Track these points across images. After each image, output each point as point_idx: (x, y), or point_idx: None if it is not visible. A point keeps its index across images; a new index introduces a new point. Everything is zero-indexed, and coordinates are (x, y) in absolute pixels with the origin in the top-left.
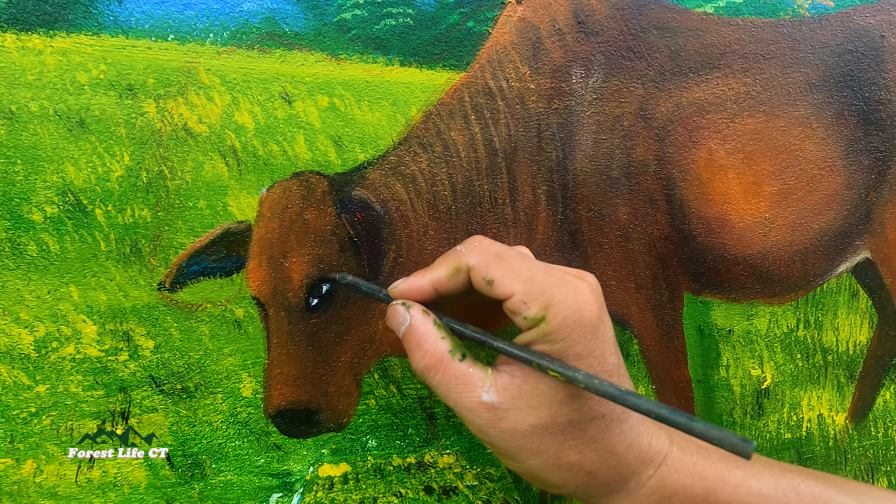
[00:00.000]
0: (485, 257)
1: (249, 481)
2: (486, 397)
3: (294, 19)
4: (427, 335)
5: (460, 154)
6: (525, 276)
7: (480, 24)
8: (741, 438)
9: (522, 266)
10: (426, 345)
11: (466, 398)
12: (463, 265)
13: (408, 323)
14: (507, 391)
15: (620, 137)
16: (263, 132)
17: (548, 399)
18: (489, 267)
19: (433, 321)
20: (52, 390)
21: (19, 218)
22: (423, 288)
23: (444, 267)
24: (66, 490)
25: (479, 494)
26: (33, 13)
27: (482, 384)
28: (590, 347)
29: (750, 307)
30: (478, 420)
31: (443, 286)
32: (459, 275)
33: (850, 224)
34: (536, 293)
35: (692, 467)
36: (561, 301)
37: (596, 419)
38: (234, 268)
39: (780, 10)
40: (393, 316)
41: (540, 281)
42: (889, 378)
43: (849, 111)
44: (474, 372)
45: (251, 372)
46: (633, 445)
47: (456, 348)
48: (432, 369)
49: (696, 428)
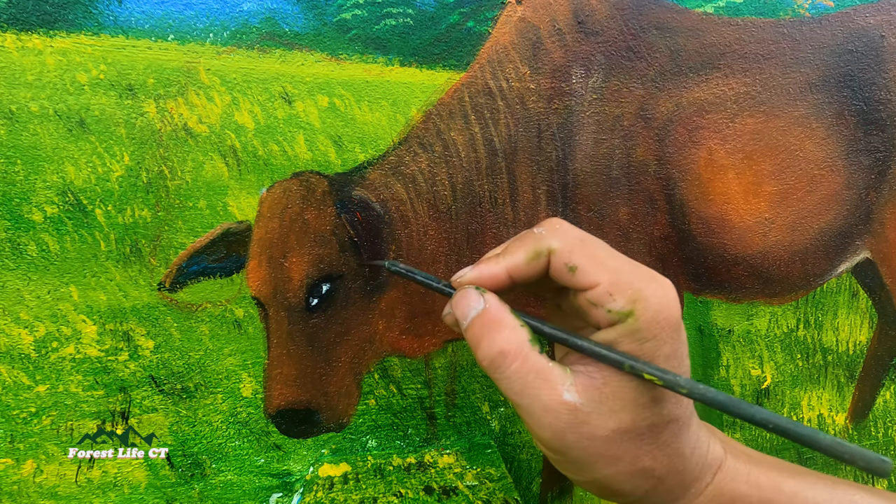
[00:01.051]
0: (568, 241)
1: (249, 481)
2: (568, 396)
3: (294, 19)
4: (505, 320)
5: (460, 154)
6: (612, 267)
7: (480, 24)
8: (878, 457)
9: (608, 255)
10: (505, 330)
11: (546, 395)
12: (543, 249)
13: (481, 307)
14: (588, 392)
15: (620, 137)
16: (263, 132)
17: (631, 402)
18: (573, 252)
19: (510, 310)
20: (52, 390)
21: (19, 218)
22: (497, 275)
23: (523, 251)
24: (66, 490)
25: (479, 494)
26: (33, 13)
27: (563, 382)
28: (675, 347)
29: (750, 307)
30: (556, 422)
31: (520, 272)
32: (539, 260)
33: (850, 224)
34: (624, 285)
35: (747, 475)
36: (651, 296)
37: (671, 422)
38: (234, 268)
39: (780, 10)
40: (463, 299)
41: (627, 273)
42: (889, 378)
43: (849, 111)
44: (554, 368)
45: (251, 372)
46: (697, 450)
47: (535, 340)
48: (509, 356)
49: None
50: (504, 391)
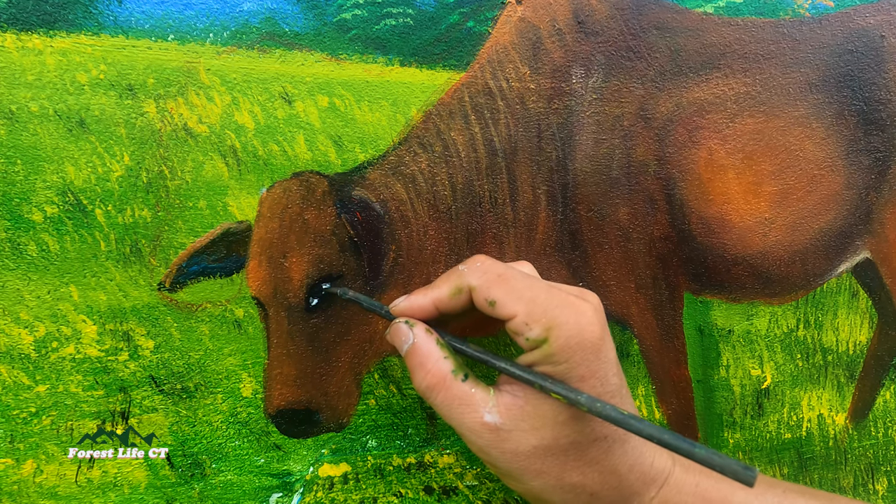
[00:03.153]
0: (487, 278)
1: (249, 481)
2: (489, 418)
3: (294, 19)
4: (430, 354)
5: (460, 154)
6: (527, 297)
7: (480, 24)
8: (743, 466)
9: (524, 286)
10: (429, 364)
11: (469, 419)
12: (465, 285)
13: (410, 342)
14: (510, 412)
15: (620, 137)
16: (263, 132)
17: (550, 420)
18: (491, 288)
19: (436, 340)
20: (52, 390)
21: (19, 218)
22: (425, 306)
23: (447, 286)
24: (66, 490)
25: (479, 494)
26: (33, 13)
27: (484, 404)
28: (592, 369)
29: (750, 307)
30: (479, 441)
31: (444, 305)
32: (461, 295)
33: (850, 224)
34: (539, 314)
35: (695, 487)
36: (563, 322)
37: (598, 440)
38: (234, 268)
39: (780, 10)
40: (396, 334)
41: (542, 302)
42: (889, 378)
43: (849, 111)
44: (476, 392)
45: (251, 372)
46: (636, 466)
47: (458, 368)
48: (434, 389)
49: (698, 454)
50: (440, 416)
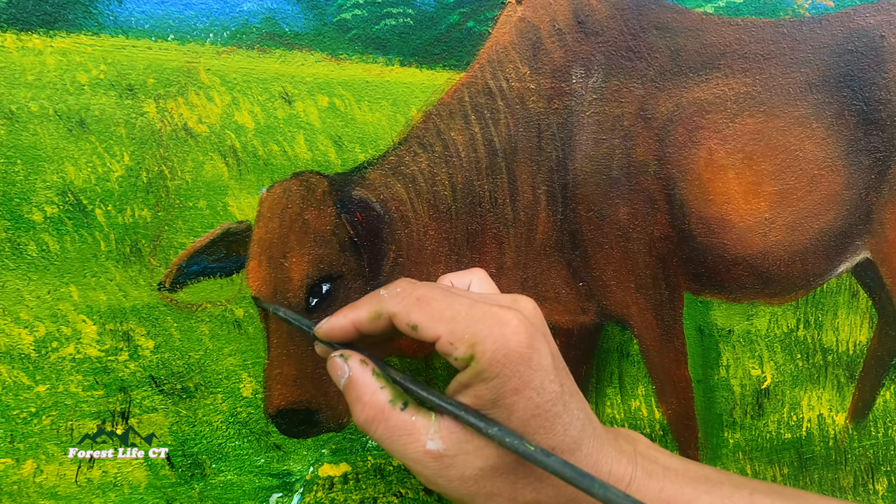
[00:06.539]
0: (406, 303)
1: (249, 481)
2: (431, 445)
3: (294, 19)
4: (366, 387)
5: (460, 154)
6: (447, 317)
7: (480, 24)
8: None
9: (445, 306)
10: (365, 397)
11: (411, 449)
12: (384, 312)
13: (346, 375)
14: (453, 435)
15: (620, 137)
16: (263, 132)
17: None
18: (411, 312)
19: (371, 370)
20: (52, 390)
21: (19, 218)
22: (345, 328)
23: (366, 310)
24: (66, 490)
25: None
26: (33, 13)
27: (426, 431)
28: (525, 380)
29: (750, 307)
30: (426, 471)
31: (364, 328)
32: (380, 320)
33: (850, 224)
34: (461, 332)
35: (658, 493)
36: (486, 337)
37: None
38: (234, 268)
39: (780, 10)
40: (332, 369)
41: (463, 319)
42: (889, 378)
43: (849, 111)
44: (417, 420)
45: (251, 372)
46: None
47: (397, 397)
48: (373, 422)
49: (596, 492)
50: (384, 450)
